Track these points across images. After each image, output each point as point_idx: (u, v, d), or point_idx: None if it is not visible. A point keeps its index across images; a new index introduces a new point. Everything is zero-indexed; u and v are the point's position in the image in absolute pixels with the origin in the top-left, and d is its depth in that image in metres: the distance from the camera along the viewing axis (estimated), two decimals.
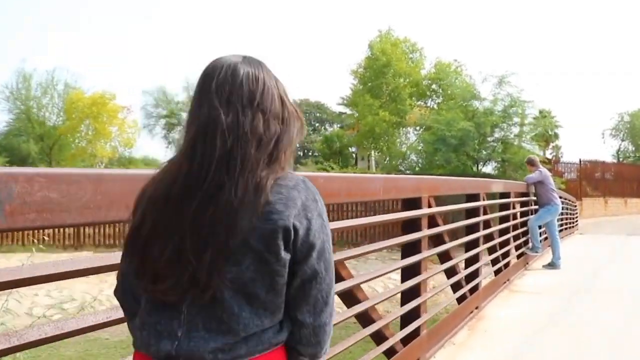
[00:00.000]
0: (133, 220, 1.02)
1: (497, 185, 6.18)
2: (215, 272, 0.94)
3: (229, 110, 0.97)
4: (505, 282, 6.06)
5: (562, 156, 37.20)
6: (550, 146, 48.01)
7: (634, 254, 9.98)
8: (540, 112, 44.43)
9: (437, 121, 18.71)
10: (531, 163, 7.72)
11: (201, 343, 0.96)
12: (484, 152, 18.25)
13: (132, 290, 1.05)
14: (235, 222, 0.93)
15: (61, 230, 15.15)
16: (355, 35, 71.78)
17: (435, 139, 18.40)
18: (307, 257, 0.99)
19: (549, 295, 5.81)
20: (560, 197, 11.68)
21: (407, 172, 20.12)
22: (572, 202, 15.83)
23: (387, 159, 24.65)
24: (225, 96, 0.97)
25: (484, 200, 5.00)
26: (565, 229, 13.15)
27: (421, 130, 21.89)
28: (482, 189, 5.06)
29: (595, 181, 29.06)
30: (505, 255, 6.18)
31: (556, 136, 45.53)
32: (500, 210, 6.34)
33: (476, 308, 4.84)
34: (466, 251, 4.82)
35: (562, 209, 11.79)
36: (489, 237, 5.44)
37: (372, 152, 26.75)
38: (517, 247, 7.11)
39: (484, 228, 5.19)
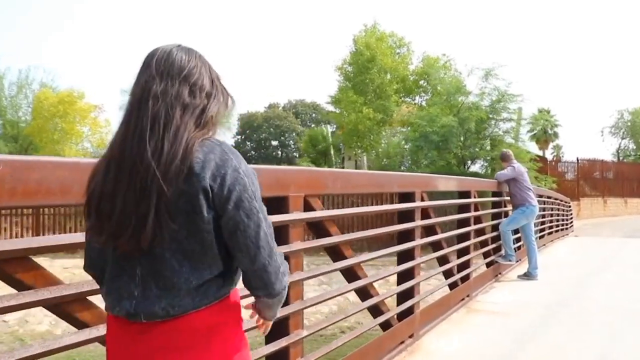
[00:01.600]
0: (87, 191, 1.26)
1: (447, 183, 5.49)
2: (154, 230, 1.19)
3: (161, 81, 1.24)
4: (463, 299, 5.54)
5: (563, 156, 38.46)
6: (551, 146, 49.63)
7: (629, 260, 9.61)
8: (540, 110, 46.12)
9: (420, 117, 18.95)
10: (503, 158, 7.25)
11: (154, 300, 1.22)
12: (470, 150, 18.55)
13: (98, 262, 1.31)
14: (163, 184, 1.17)
15: None
16: (349, 33, 73.39)
17: (417, 136, 18.61)
18: (225, 210, 1.22)
19: (515, 317, 5.02)
20: (548, 197, 12.28)
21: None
22: (566, 202, 16.39)
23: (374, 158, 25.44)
24: (160, 70, 1.25)
25: (422, 200, 4.51)
26: (557, 230, 13.61)
27: (408, 128, 22.53)
28: (420, 187, 4.43)
29: (594, 181, 29.92)
30: (464, 266, 5.71)
31: (556, 135, 47.15)
32: (459, 212, 5.93)
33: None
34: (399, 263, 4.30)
35: (550, 209, 12.47)
36: (436, 246, 5.06)
37: (357, 152, 27.58)
38: (487, 255, 6.79)
39: (427, 235, 4.87)
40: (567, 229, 16.17)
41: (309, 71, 76.32)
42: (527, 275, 7.14)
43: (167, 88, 1.24)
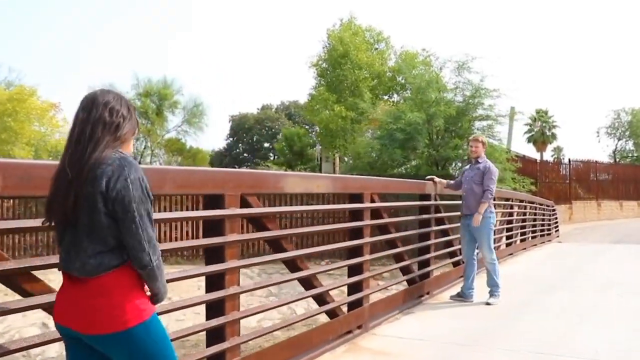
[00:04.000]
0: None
1: (320, 182, 4.85)
2: (72, 211, 1.98)
3: (87, 110, 2.03)
4: (348, 333, 4.94)
5: (564, 158, 39.58)
6: (551, 147, 51.05)
7: (598, 273, 9.57)
8: (537, 111, 47.50)
9: (386, 114, 19.36)
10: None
11: (75, 261, 2.03)
12: (440, 150, 18.60)
13: (58, 236, 2.11)
14: (79, 184, 1.96)
15: None
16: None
17: (383, 134, 18.93)
18: (114, 206, 1.97)
19: None
20: (521, 201, 12.83)
21: (353, 173, 20.44)
22: (548, 206, 17.08)
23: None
24: (86, 103, 2.06)
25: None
26: (534, 237, 14.23)
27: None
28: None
29: (588, 183, 31.17)
30: (356, 287, 5.17)
31: (554, 137, 48.67)
32: (352, 220, 5.28)
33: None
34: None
35: (523, 214, 12.94)
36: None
37: (334, 152, 28.40)
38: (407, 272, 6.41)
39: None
40: (549, 234, 16.81)
41: (303, 72, 77.67)
42: (461, 296, 6.79)
43: (90, 113, 2.02)
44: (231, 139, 58.24)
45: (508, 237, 12.03)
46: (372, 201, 5.41)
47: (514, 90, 42.23)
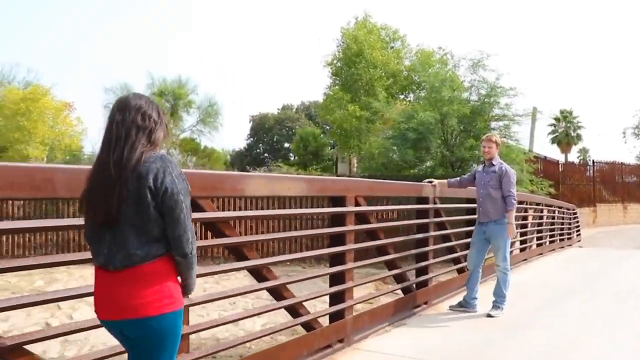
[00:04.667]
0: (84, 187, 2.24)
1: (291, 184, 4.43)
2: (117, 211, 2.13)
3: (121, 113, 2.21)
4: (327, 347, 4.56)
5: (589, 159, 38.57)
6: (576, 149, 49.87)
7: (615, 280, 9.10)
8: (562, 112, 46.46)
9: (398, 114, 18.91)
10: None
11: (118, 255, 2.16)
12: (454, 151, 18.09)
13: (89, 234, 2.26)
14: (123, 182, 2.11)
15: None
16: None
17: (395, 134, 18.52)
18: (163, 199, 2.14)
19: None
20: (537, 204, 12.35)
21: (366, 174, 20.14)
22: (569, 209, 16.52)
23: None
24: (120, 107, 2.23)
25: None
26: (552, 242, 13.74)
27: None
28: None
29: (614, 185, 30.22)
30: (337, 297, 4.79)
31: (579, 137, 47.58)
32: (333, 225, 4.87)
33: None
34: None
35: (539, 218, 12.46)
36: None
37: (350, 153, 27.99)
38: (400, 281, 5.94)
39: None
40: (569, 238, 16.31)
41: (320, 71, 77.42)
42: (462, 306, 6.36)
43: (125, 117, 2.18)
44: (251, 139, 58.17)
45: (522, 242, 11.53)
46: (357, 204, 5.02)
47: (530, 88, 41.07)
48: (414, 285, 6.34)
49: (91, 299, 2.33)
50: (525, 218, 11.59)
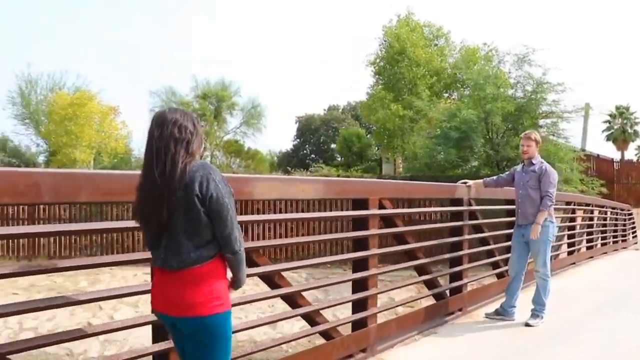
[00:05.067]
0: (135, 199, 2.41)
1: (306, 186, 4.18)
2: (167, 220, 2.29)
3: (159, 128, 2.34)
4: (348, 357, 4.35)
5: None
6: (634, 146, 47.73)
7: None
8: (617, 108, 44.63)
9: (442, 112, 18.37)
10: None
11: (173, 258, 2.33)
12: (499, 150, 17.43)
13: (148, 240, 2.42)
14: (171, 193, 2.26)
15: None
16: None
17: (438, 134, 18.03)
18: (210, 204, 2.29)
19: None
20: (587, 205, 11.79)
21: (409, 174, 19.82)
22: (623, 210, 15.96)
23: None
24: (158, 122, 2.35)
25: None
26: (604, 244, 13.22)
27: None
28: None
29: None
30: (360, 305, 4.55)
31: (636, 134, 45.60)
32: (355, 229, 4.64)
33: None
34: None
35: (589, 219, 11.90)
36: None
37: (394, 153, 27.57)
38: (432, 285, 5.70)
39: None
40: (624, 240, 15.70)
41: (363, 71, 77.03)
42: (499, 314, 6.01)
43: (162, 131, 2.30)
44: (298, 140, 58.19)
45: (569, 245, 10.99)
46: (382, 207, 4.78)
47: (583, 83, 39.41)
48: (447, 291, 6.05)
49: (131, 300, 2.40)
50: (572, 219, 11.05)
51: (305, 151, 57.62)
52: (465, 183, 6.43)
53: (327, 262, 4.33)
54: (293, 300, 3.86)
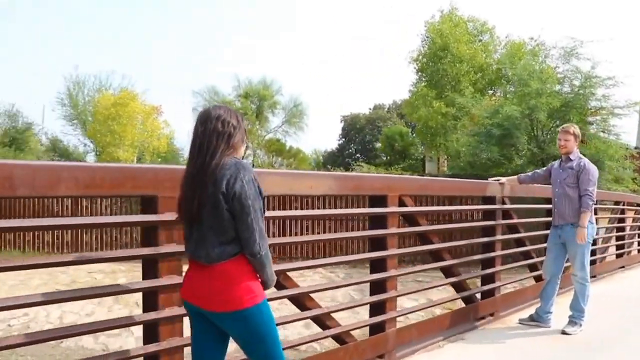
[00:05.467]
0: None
1: (315, 181, 3.96)
2: (198, 213, 2.36)
3: (203, 124, 2.41)
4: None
5: None
6: None
7: None
8: None
9: (484, 109, 17.74)
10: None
11: (201, 251, 2.40)
12: (544, 147, 16.53)
13: (185, 232, 2.50)
14: (202, 187, 2.34)
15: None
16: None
17: (480, 131, 17.37)
18: (233, 202, 2.33)
19: None
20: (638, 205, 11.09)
21: (451, 173, 19.37)
22: None
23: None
24: (202, 119, 2.43)
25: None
26: None
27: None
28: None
29: None
30: (377, 308, 4.32)
31: None
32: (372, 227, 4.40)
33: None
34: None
35: None
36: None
37: (437, 152, 26.96)
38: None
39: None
40: None
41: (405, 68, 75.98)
42: (534, 320, 5.64)
43: (206, 126, 2.38)
44: (343, 139, 57.97)
45: (618, 248, 10.36)
46: (402, 204, 4.49)
47: (633, 77, 37.39)
48: (478, 294, 5.70)
49: None
50: (622, 220, 10.42)
51: (350, 150, 57.39)
52: (498, 180, 6.08)
53: (353, 261, 4.05)
54: (301, 302, 3.63)
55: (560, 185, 5.51)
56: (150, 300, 2.93)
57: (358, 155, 56.42)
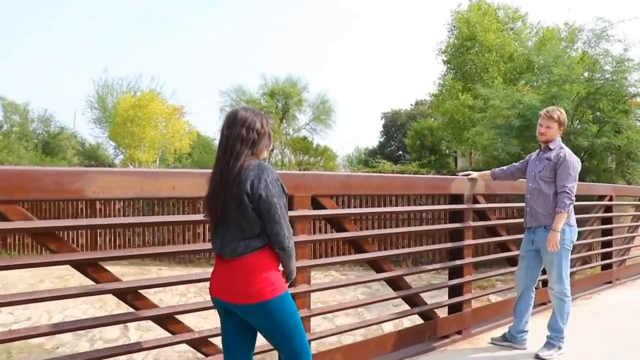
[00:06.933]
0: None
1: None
2: (224, 211, 2.50)
3: (229, 128, 2.53)
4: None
5: None
6: None
7: None
8: None
9: (506, 98, 16.43)
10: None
11: (227, 246, 2.54)
12: (573, 140, 14.67)
13: (212, 229, 2.62)
14: (227, 188, 2.47)
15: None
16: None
17: (501, 123, 16.29)
18: (258, 201, 2.46)
19: None
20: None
21: (474, 168, 18.43)
22: None
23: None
24: (229, 122, 2.55)
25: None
26: None
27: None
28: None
29: None
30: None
31: None
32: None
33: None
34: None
35: None
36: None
37: (466, 146, 25.58)
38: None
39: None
40: None
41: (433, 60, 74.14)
42: (508, 340, 4.82)
43: (231, 131, 2.51)
44: (384, 136, 57.05)
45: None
46: (319, 206, 3.73)
47: None
48: (448, 308, 4.92)
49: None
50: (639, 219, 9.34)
51: (391, 147, 56.46)
52: (468, 175, 5.20)
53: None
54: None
55: (534, 179, 4.66)
56: None
57: (400, 152, 55.38)
